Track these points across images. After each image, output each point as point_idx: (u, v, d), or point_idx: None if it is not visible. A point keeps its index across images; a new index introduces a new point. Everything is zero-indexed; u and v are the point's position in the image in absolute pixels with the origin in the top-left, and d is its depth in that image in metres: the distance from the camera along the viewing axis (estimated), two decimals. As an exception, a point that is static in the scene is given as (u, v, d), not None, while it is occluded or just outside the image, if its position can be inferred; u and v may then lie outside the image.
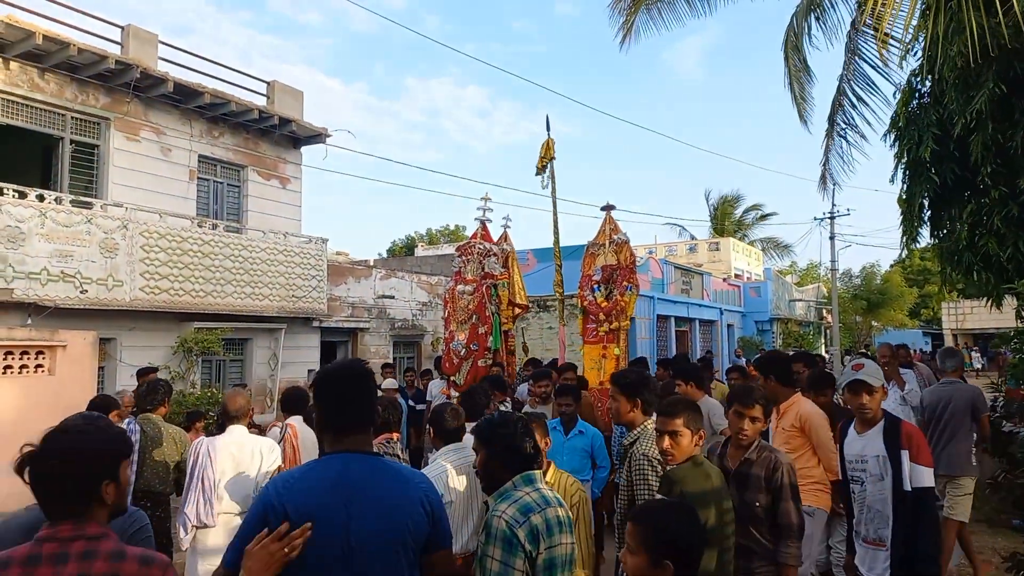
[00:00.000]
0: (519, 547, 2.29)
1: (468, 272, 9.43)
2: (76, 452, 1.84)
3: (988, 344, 29.50)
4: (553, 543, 2.38)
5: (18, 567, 1.72)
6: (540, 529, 2.35)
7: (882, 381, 3.60)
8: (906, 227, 6.06)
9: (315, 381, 2.27)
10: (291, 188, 13.75)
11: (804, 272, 46.59)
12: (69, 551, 1.76)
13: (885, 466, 3.46)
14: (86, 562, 1.75)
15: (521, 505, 2.40)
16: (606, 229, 9.48)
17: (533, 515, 2.37)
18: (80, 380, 8.05)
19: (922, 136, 5.56)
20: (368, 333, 14.98)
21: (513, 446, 2.57)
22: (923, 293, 47.22)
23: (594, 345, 9.06)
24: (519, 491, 2.47)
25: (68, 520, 1.80)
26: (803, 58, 8.90)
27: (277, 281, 12.02)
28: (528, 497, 2.44)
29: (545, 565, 2.34)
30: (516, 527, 2.31)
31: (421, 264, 23.30)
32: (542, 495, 2.48)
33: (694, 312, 23.86)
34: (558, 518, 2.45)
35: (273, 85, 13.29)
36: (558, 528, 2.42)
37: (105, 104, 10.71)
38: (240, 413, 4.44)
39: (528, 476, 2.54)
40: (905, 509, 3.38)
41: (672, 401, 3.30)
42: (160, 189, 11.28)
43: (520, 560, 2.29)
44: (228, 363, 12.02)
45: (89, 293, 9.41)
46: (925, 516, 3.36)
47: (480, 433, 2.70)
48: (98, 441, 1.92)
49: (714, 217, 41.59)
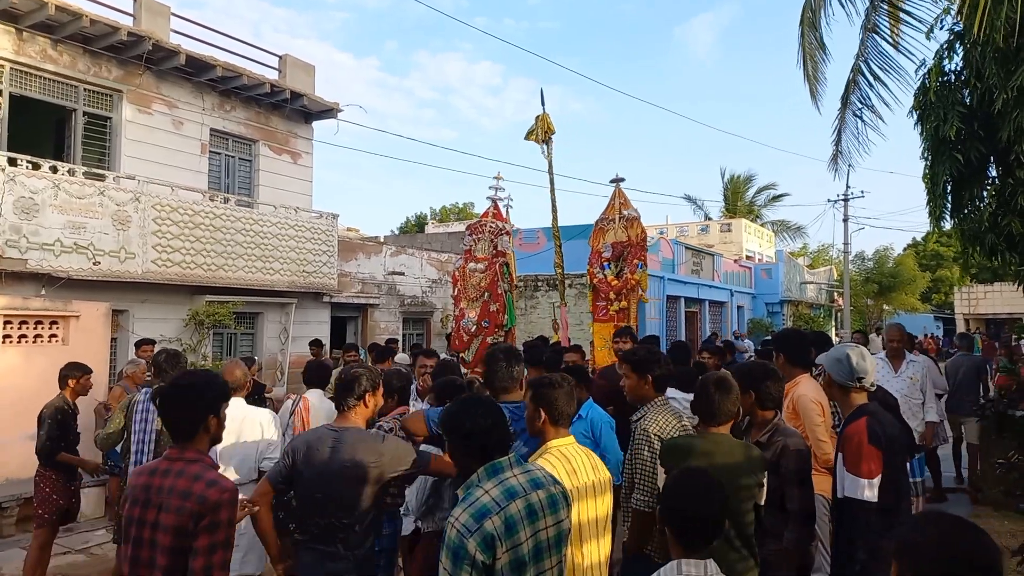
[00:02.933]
0: (467, 560, 2.18)
1: (479, 250, 9.40)
2: (190, 391, 2.57)
3: (1001, 330, 29.27)
4: (517, 541, 2.25)
5: (147, 474, 2.53)
6: (496, 534, 2.21)
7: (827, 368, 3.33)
8: (931, 207, 5.98)
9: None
10: (302, 163, 13.73)
11: (815, 255, 46.27)
12: (171, 468, 2.48)
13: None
14: (178, 478, 2.44)
15: (476, 510, 2.25)
16: (615, 203, 9.38)
17: (488, 519, 2.22)
18: (93, 350, 8.13)
19: (947, 114, 5.46)
20: (378, 309, 15.03)
21: (472, 433, 2.40)
22: (935, 278, 46.83)
23: (604, 323, 9.03)
24: (479, 489, 2.33)
25: (179, 444, 2.54)
26: (819, 36, 8.74)
27: (288, 256, 12.05)
28: (487, 497, 2.28)
29: (511, 567, 2.24)
30: (466, 537, 2.19)
31: (431, 241, 23.31)
32: (505, 488, 2.32)
33: (704, 293, 23.80)
34: (529, 507, 2.32)
35: (285, 59, 13.22)
36: (527, 520, 2.30)
37: (117, 76, 10.69)
38: (237, 385, 4.43)
39: (493, 467, 2.37)
40: (839, 513, 3.11)
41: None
42: (172, 162, 11.28)
43: (466, 573, 2.18)
44: (239, 336, 12.10)
45: (102, 265, 9.46)
46: (845, 524, 3.05)
47: (441, 420, 2.56)
48: (206, 385, 2.62)
49: (727, 197, 41.31)
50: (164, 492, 2.41)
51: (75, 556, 6.40)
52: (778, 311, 28.90)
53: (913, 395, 6.42)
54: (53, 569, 5.58)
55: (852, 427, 3.06)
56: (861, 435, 2.98)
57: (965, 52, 5.41)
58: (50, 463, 5.22)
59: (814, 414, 4.14)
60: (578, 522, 2.77)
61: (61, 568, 5.98)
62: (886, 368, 6.46)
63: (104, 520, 7.31)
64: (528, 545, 2.30)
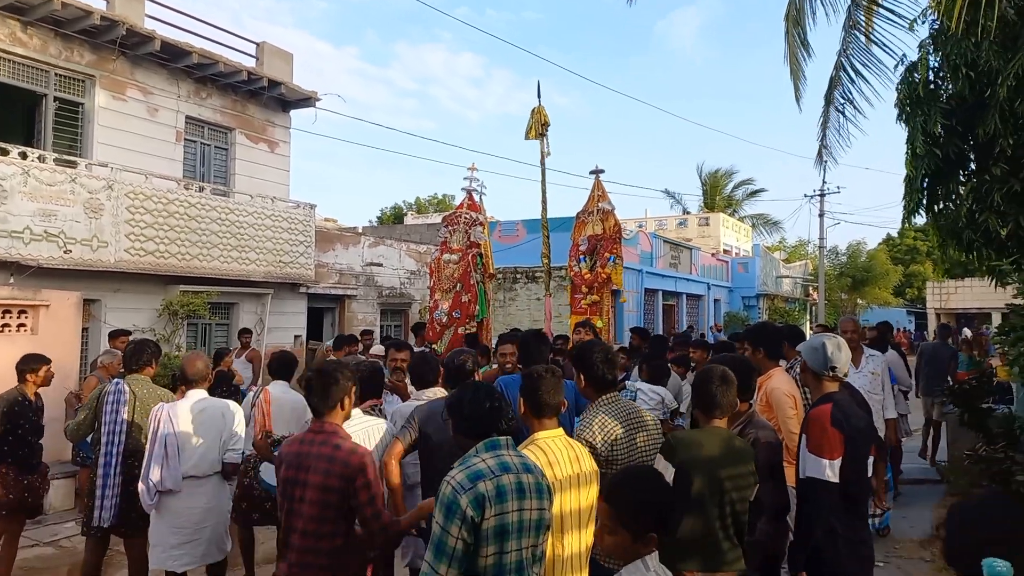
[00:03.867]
0: (458, 514, 2.32)
1: (454, 241, 9.39)
2: (330, 376, 3.13)
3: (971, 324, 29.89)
4: (504, 509, 2.38)
5: (296, 443, 3.14)
6: (487, 495, 2.36)
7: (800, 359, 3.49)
8: (907, 201, 6.04)
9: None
10: (279, 152, 13.57)
11: (792, 249, 46.76)
12: (315, 439, 3.07)
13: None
14: (322, 447, 3.03)
15: (472, 472, 2.42)
16: (594, 195, 9.41)
17: (482, 482, 2.38)
18: (63, 340, 8.00)
19: (930, 109, 5.50)
20: (355, 300, 14.94)
21: (473, 415, 2.60)
22: (908, 272, 47.53)
23: (580, 316, 9.08)
24: (476, 457, 2.50)
25: (321, 419, 3.13)
26: (803, 32, 8.78)
27: (264, 246, 11.92)
28: (483, 464, 2.46)
29: (495, 531, 2.37)
30: (460, 493, 2.35)
31: (410, 232, 23.21)
32: (501, 462, 2.49)
33: (682, 286, 23.96)
34: (519, 484, 2.45)
35: (262, 47, 13.04)
36: (516, 494, 2.42)
37: (90, 61, 10.47)
38: (199, 377, 4.43)
39: (491, 443, 2.55)
40: (799, 493, 3.20)
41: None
42: (146, 150, 11.08)
43: (456, 527, 2.32)
44: (214, 327, 11.96)
45: (73, 253, 9.28)
46: (805, 507, 3.14)
47: (448, 405, 2.73)
48: (342, 373, 3.17)
49: (705, 191, 41.58)
50: (312, 457, 3.02)
51: (43, 549, 6.30)
52: (754, 305, 29.19)
53: (875, 391, 6.21)
54: (20, 563, 5.47)
55: (816, 411, 3.19)
56: (824, 418, 3.10)
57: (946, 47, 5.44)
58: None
59: (787, 407, 4.21)
60: (559, 513, 2.79)
61: (28, 561, 5.87)
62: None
63: (74, 512, 7.19)
64: (514, 517, 2.42)
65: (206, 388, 4.50)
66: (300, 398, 5.10)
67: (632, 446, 3.28)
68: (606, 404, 3.33)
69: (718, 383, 3.08)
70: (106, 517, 4.49)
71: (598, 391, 3.37)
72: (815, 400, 3.34)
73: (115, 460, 4.55)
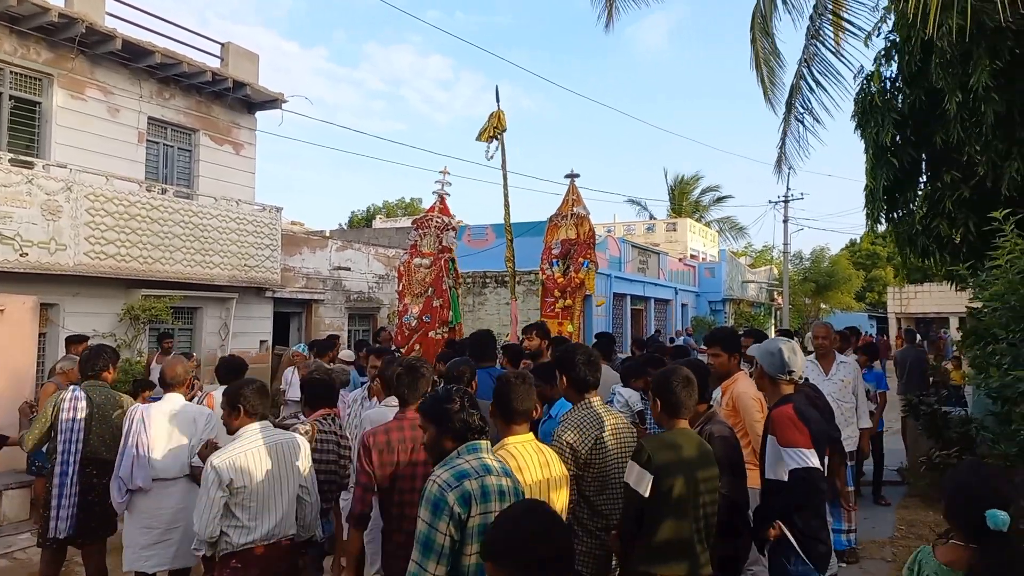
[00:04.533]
0: (445, 511, 2.36)
1: (424, 245, 9.34)
2: (415, 371, 3.53)
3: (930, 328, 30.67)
4: (488, 509, 2.42)
5: (383, 433, 3.35)
6: (473, 493, 2.41)
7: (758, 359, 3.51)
8: (869, 210, 6.18)
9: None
10: (245, 154, 13.38)
11: (758, 255, 47.47)
12: (403, 424, 3.39)
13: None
14: (413, 430, 3.25)
15: (457, 471, 2.47)
16: (569, 199, 9.44)
17: (468, 480, 2.43)
18: (20, 345, 7.77)
19: (884, 120, 5.65)
20: (323, 305, 14.78)
21: (460, 420, 2.63)
22: (870, 277, 48.54)
23: (552, 320, 9.10)
24: (460, 459, 2.55)
25: (405, 407, 3.47)
26: (772, 41, 8.92)
27: (229, 249, 11.73)
28: (467, 464, 2.51)
29: (479, 530, 2.39)
30: (447, 490, 2.39)
31: (378, 236, 23.04)
32: (483, 463, 2.54)
33: (650, 291, 24.15)
34: (500, 487, 2.50)
35: (228, 47, 12.85)
36: (497, 496, 2.47)
37: (48, 60, 10.22)
38: (177, 381, 4.45)
39: (472, 446, 2.61)
40: (764, 495, 3.28)
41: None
42: (107, 151, 10.84)
43: (444, 523, 2.36)
44: (177, 332, 11.73)
45: (30, 256, 9.03)
46: (769, 505, 3.22)
47: (427, 411, 2.73)
48: (424, 369, 3.56)
49: (672, 197, 42.04)
50: (406, 440, 3.31)
51: (-3, 561, 6.11)
52: (720, 309, 29.54)
53: (845, 399, 5.95)
54: (-28, 576, 5.31)
55: (779, 410, 3.26)
56: (789, 415, 3.18)
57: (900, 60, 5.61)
58: None
59: (755, 411, 4.26)
60: None
61: (-19, 574, 5.69)
62: (815, 370, 5.96)
63: (29, 523, 6.98)
64: (494, 516, 2.40)
65: (184, 392, 4.51)
66: None
67: (610, 449, 3.33)
68: (587, 407, 3.39)
69: (682, 385, 3.11)
70: (63, 528, 4.39)
71: (579, 393, 3.43)
72: (774, 403, 3.39)
73: (72, 469, 4.45)
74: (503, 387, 2.98)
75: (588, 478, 3.28)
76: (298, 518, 3.60)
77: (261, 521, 3.39)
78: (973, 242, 5.28)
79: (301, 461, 3.57)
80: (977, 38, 4.78)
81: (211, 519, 3.31)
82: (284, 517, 3.48)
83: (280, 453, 3.48)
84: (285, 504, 3.48)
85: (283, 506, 3.47)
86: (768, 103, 9.15)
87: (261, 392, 3.58)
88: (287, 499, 3.49)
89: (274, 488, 3.43)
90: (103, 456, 4.56)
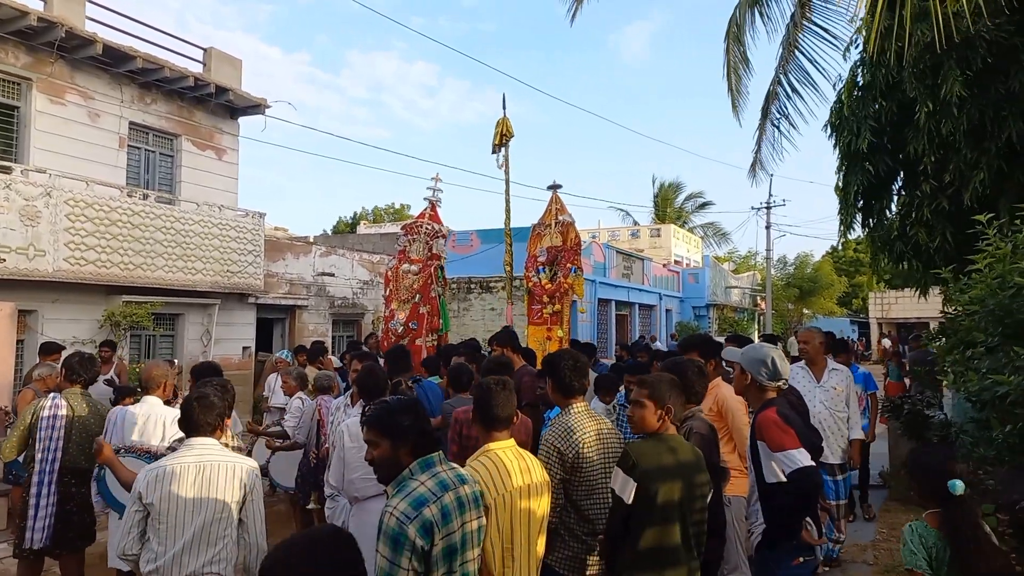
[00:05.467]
0: (407, 545, 2.26)
1: (413, 251, 9.33)
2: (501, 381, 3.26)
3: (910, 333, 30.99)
4: (450, 530, 2.38)
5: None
6: (434, 520, 2.33)
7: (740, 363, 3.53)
8: (843, 216, 6.26)
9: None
10: (227, 160, 13.29)
11: (743, 260, 47.82)
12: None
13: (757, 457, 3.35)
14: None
15: (414, 498, 2.35)
16: (552, 209, 9.51)
17: (426, 507, 2.33)
18: (-3, 353, 7.67)
19: (860, 128, 5.73)
20: (306, 311, 14.70)
21: (420, 432, 2.51)
22: (853, 283, 49.05)
23: (539, 326, 9.13)
24: (415, 480, 2.43)
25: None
26: (743, 50, 9.05)
27: (211, 255, 11.64)
28: (423, 487, 2.40)
29: (444, 553, 2.36)
30: (407, 524, 2.28)
31: (363, 242, 22.97)
32: (439, 480, 2.45)
33: (634, 296, 24.24)
34: (459, 499, 2.45)
35: (210, 52, 12.78)
36: (458, 511, 2.43)
37: (26, 64, 10.11)
38: (153, 384, 4.43)
39: (425, 461, 2.49)
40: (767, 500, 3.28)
41: (650, 375, 3.40)
42: (87, 156, 10.74)
43: (406, 559, 2.26)
44: (158, 338, 11.62)
45: (8, 263, 8.91)
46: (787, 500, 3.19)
47: (379, 423, 2.52)
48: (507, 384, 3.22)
49: (657, 203, 42.27)
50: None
51: (-28, 573, 6.00)
52: (704, 315, 29.70)
53: (838, 408, 5.65)
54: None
55: (764, 414, 3.27)
56: (774, 418, 3.20)
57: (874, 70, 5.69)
58: None
59: (741, 413, 4.33)
60: (510, 524, 2.79)
61: (-44, 586, 5.59)
62: (807, 377, 5.71)
63: (5, 533, 6.87)
64: (458, 535, 2.42)
65: (160, 394, 4.47)
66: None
67: (595, 454, 3.34)
68: (576, 412, 3.41)
69: (670, 390, 3.13)
70: (39, 539, 4.33)
71: (566, 397, 3.46)
72: (758, 407, 3.41)
73: (50, 479, 4.40)
74: (484, 394, 2.97)
75: (575, 482, 3.29)
76: (241, 559, 3.14)
77: (167, 548, 2.96)
78: (949, 250, 5.36)
79: (231, 492, 3.08)
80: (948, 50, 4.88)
81: (125, 533, 3.02)
82: (193, 548, 2.98)
83: (206, 476, 3.04)
84: (191, 534, 2.98)
85: (191, 535, 2.98)
86: (735, 112, 9.28)
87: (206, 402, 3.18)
88: (196, 528, 2.99)
89: (184, 513, 2.99)
90: (82, 465, 4.51)
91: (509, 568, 2.79)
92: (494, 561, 2.74)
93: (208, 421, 3.16)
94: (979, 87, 5.17)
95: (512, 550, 2.81)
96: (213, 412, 3.18)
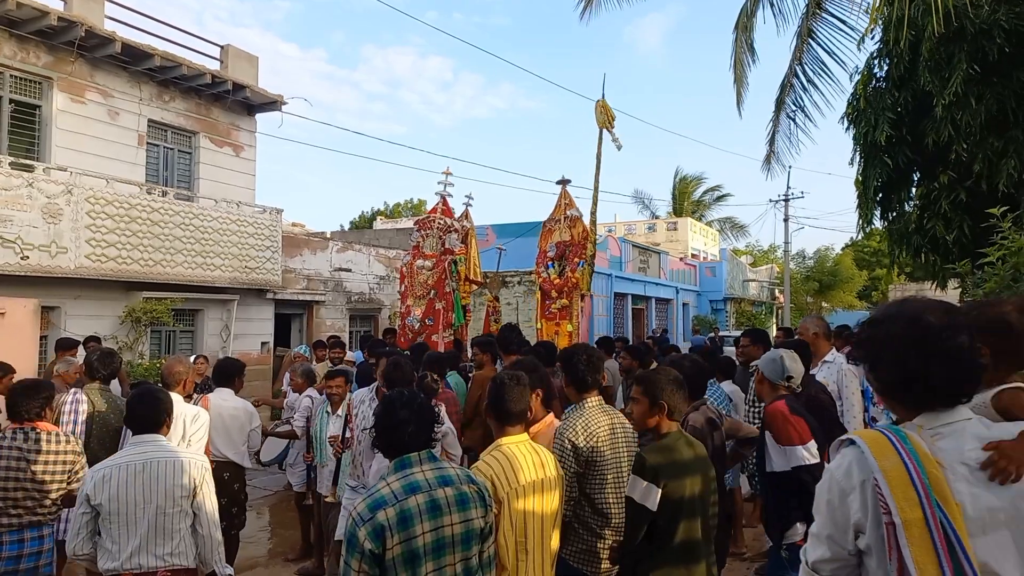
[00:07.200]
0: (356, 547, 2.25)
1: (427, 247, 9.35)
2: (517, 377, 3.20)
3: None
4: (412, 534, 2.28)
5: None
6: (388, 524, 2.26)
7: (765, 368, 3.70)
8: (862, 211, 6.21)
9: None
10: (245, 156, 13.41)
11: (762, 254, 47.45)
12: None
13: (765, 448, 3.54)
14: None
15: (373, 500, 2.32)
16: (561, 204, 9.47)
17: (382, 511, 2.28)
18: (21, 348, 7.79)
19: (878, 120, 5.66)
20: (324, 306, 14.80)
21: (389, 428, 2.47)
22: (873, 275, 48.51)
23: (549, 321, 9.11)
24: (383, 481, 2.41)
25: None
26: (750, 41, 8.95)
27: (229, 251, 11.76)
28: (387, 489, 2.35)
29: (404, 559, 2.27)
30: (358, 526, 2.27)
31: (379, 237, 23.06)
32: (408, 483, 2.37)
33: (651, 291, 24.15)
34: (432, 502, 2.35)
35: (227, 49, 12.89)
36: (428, 515, 2.33)
37: (47, 63, 10.25)
38: (175, 380, 4.44)
39: (402, 462, 2.44)
40: (767, 489, 3.45)
41: (647, 371, 3.44)
42: (107, 154, 10.88)
43: (356, 560, 2.25)
44: (178, 334, 11.77)
45: (31, 260, 9.07)
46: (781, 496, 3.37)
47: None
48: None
49: (675, 196, 42.03)
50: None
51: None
52: (722, 308, 29.54)
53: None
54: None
55: (772, 407, 3.46)
56: (782, 410, 3.36)
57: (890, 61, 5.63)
58: None
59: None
60: (523, 518, 2.80)
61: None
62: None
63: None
64: (425, 539, 2.31)
65: (180, 391, 4.48)
66: (241, 405, 5.05)
67: (609, 448, 3.36)
68: (590, 406, 3.44)
69: (675, 388, 3.13)
70: (61, 529, 4.39)
71: (579, 392, 3.49)
72: (769, 401, 3.59)
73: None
74: (498, 388, 2.97)
75: (589, 476, 3.31)
76: (198, 550, 3.22)
77: (122, 546, 3.03)
78: (966, 243, 5.29)
79: (179, 488, 3.14)
80: (960, 41, 4.82)
81: (74, 535, 3.06)
82: (149, 544, 3.06)
83: (150, 472, 3.09)
84: (145, 529, 3.05)
85: (144, 531, 3.05)
86: (738, 103, 9.19)
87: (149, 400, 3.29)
88: (148, 523, 3.06)
89: (135, 510, 3.05)
90: (102, 459, 4.57)
91: (523, 561, 2.81)
92: (508, 555, 2.76)
93: (153, 418, 3.25)
94: (999, 76, 5.10)
95: (525, 543, 2.82)
96: (158, 409, 3.28)
